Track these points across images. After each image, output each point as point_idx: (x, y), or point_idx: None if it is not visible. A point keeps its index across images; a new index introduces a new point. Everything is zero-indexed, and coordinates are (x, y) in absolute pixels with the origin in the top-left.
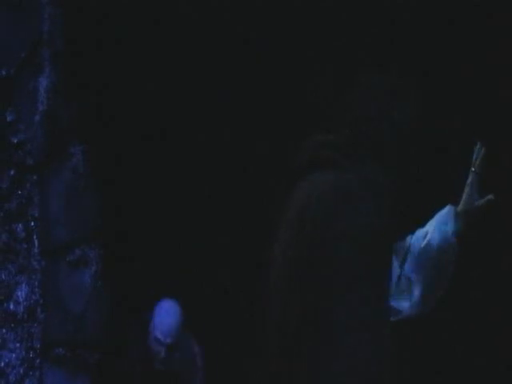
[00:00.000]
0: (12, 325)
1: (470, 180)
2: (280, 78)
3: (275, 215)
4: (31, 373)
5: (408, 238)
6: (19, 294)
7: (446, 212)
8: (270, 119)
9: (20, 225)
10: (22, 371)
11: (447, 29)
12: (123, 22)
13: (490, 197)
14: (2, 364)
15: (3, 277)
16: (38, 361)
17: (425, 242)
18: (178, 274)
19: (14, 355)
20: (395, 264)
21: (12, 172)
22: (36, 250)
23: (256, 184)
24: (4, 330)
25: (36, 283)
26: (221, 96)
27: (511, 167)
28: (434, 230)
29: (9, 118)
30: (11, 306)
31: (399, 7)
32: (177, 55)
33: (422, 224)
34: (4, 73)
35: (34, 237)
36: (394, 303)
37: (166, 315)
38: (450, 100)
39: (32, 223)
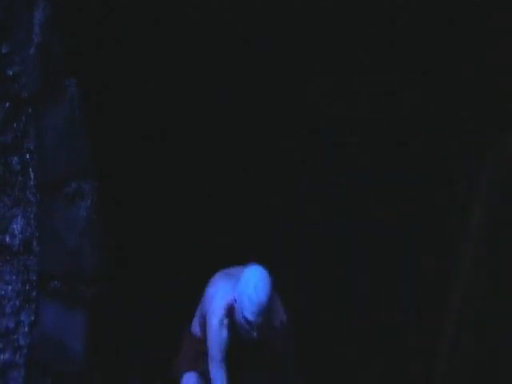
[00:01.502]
0: (8, 257)
1: None
2: (280, 77)
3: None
4: (27, 305)
5: None
6: (15, 226)
7: None
8: (270, 119)
9: (15, 158)
10: (17, 303)
11: (447, 29)
12: None
13: None
14: None
15: None
16: (34, 293)
17: None
18: (172, 208)
19: (9, 288)
20: None
21: (7, 105)
22: (31, 183)
23: (255, 183)
24: (0, 263)
25: (32, 216)
26: (221, 96)
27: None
28: None
29: (4, 51)
30: (7, 239)
31: (399, 7)
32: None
33: None
34: None
35: (30, 170)
36: None
37: (255, 294)
38: (450, 99)
39: (27, 156)
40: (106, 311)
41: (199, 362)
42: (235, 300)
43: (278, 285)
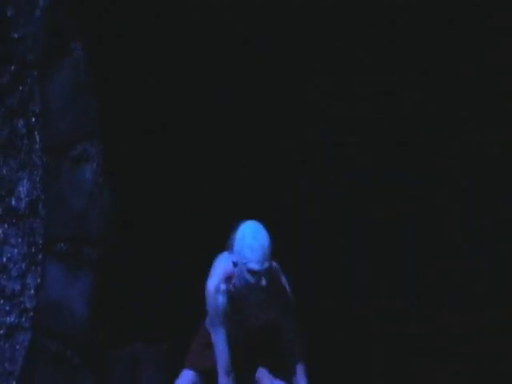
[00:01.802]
0: (14, 220)
1: None
2: (280, 77)
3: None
4: (33, 268)
5: None
6: (21, 189)
7: None
8: (270, 118)
9: (21, 121)
10: (24, 266)
11: (447, 29)
12: None
13: None
14: (4, 259)
15: (4, 172)
16: (39, 256)
17: None
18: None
19: (16, 250)
20: None
21: (12, 68)
22: (37, 146)
23: (255, 181)
24: (6, 226)
25: (37, 179)
26: (221, 95)
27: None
28: None
29: (9, 13)
30: (13, 202)
31: (399, 7)
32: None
33: None
34: None
35: (36, 133)
36: None
37: (255, 241)
38: (450, 100)
39: (33, 119)
40: (111, 273)
41: (206, 357)
42: (235, 264)
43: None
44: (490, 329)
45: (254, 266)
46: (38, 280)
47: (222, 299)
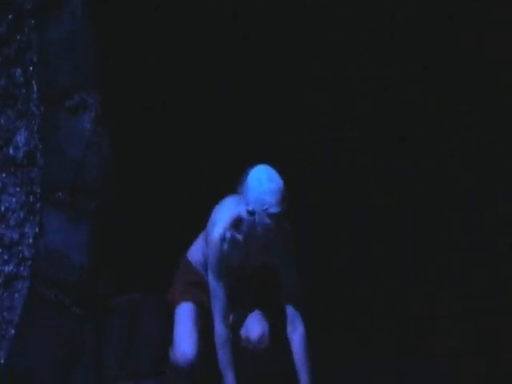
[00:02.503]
0: (12, 169)
1: None
2: (279, 71)
3: None
4: (31, 217)
5: None
6: (18, 139)
7: None
8: (270, 110)
9: (19, 70)
10: (22, 215)
11: (447, 24)
12: None
13: None
14: (3, 208)
15: (2, 122)
16: (38, 205)
17: None
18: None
19: (14, 199)
20: None
21: (10, 16)
22: (35, 96)
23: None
24: (4, 175)
25: (35, 128)
26: (221, 85)
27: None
28: None
29: None
30: (11, 151)
31: (399, 2)
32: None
33: None
34: None
35: (33, 82)
36: None
37: (273, 184)
38: (450, 95)
39: (31, 68)
40: (109, 223)
41: (196, 294)
42: (251, 213)
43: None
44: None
45: (276, 210)
46: (37, 229)
47: (226, 248)
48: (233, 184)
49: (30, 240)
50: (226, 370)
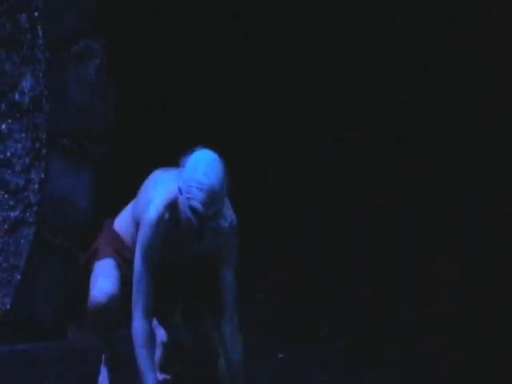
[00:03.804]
0: (17, 115)
1: None
2: (279, 71)
3: None
4: (37, 163)
5: None
6: (24, 84)
7: None
8: (271, 110)
9: (24, 15)
10: (27, 161)
11: (447, 24)
12: None
13: None
14: (8, 154)
15: (7, 67)
16: (43, 151)
17: None
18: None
19: (19, 145)
20: None
21: None
22: (40, 41)
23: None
24: (9, 121)
25: (41, 74)
26: (221, 85)
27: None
28: None
29: None
30: (16, 97)
31: (399, 2)
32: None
33: None
34: None
35: (38, 28)
36: None
37: (206, 178)
38: (450, 95)
39: (36, 14)
40: (114, 169)
41: (119, 250)
42: (180, 190)
43: (230, 178)
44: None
45: (197, 206)
46: (42, 175)
47: (163, 230)
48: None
49: (36, 186)
50: (147, 371)
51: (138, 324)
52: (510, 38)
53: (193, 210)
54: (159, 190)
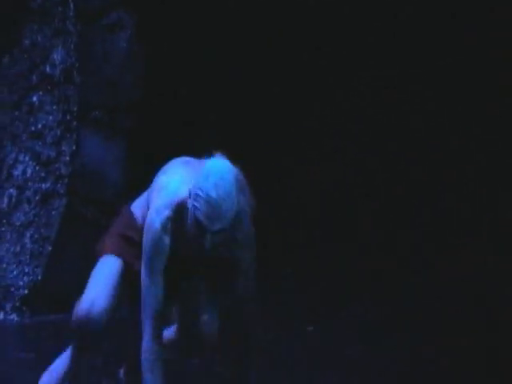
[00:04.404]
0: (48, 87)
1: None
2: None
3: None
4: (68, 135)
5: None
6: (55, 56)
7: None
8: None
9: None
10: (58, 133)
11: (449, 23)
12: None
13: None
14: (40, 126)
15: (39, 40)
16: (74, 123)
17: None
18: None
19: (50, 117)
20: None
21: None
22: (71, 14)
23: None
24: (41, 93)
25: (72, 46)
26: (232, 73)
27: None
28: None
29: None
30: (47, 69)
31: (401, 1)
32: None
33: None
34: None
35: (70, 0)
36: None
37: (216, 194)
38: (453, 94)
39: None
40: (144, 141)
41: (129, 250)
42: (189, 194)
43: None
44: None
45: (203, 221)
46: (73, 147)
47: (167, 241)
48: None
49: (67, 158)
50: None
51: (147, 346)
52: (510, 37)
53: (197, 221)
54: (168, 194)
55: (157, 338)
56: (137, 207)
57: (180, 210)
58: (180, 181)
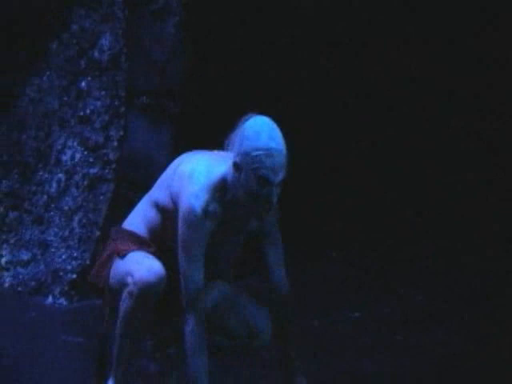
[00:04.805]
0: (97, 73)
1: None
2: None
3: None
4: (116, 120)
5: None
6: (103, 42)
7: None
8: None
9: None
10: (107, 118)
11: (447, 23)
12: None
13: None
14: (88, 111)
15: (87, 25)
16: (122, 109)
17: None
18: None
19: (99, 103)
20: None
21: None
22: None
23: None
24: (89, 78)
25: (120, 32)
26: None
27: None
28: None
29: None
30: (96, 54)
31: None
32: None
33: None
34: None
35: None
36: None
37: (274, 143)
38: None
39: None
40: (190, 126)
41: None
42: (238, 167)
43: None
44: None
45: (269, 175)
46: (121, 132)
47: (209, 225)
48: None
49: (115, 143)
50: (200, 382)
51: (191, 329)
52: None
53: (262, 180)
54: (200, 178)
55: (201, 323)
56: (131, 223)
57: (218, 190)
58: (206, 165)
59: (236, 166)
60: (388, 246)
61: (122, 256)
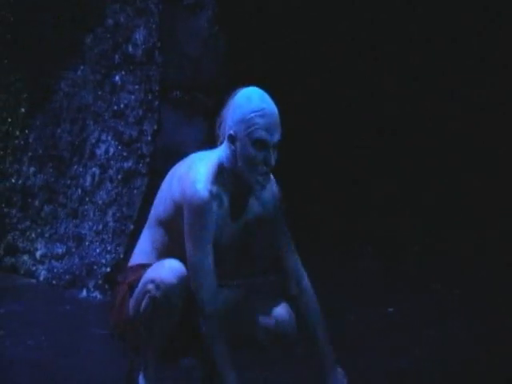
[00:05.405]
0: (131, 67)
1: None
2: None
3: None
4: (150, 115)
5: None
6: (137, 36)
7: None
8: None
9: None
10: (140, 113)
11: (447, 23)
12: None
13: None
14: (122, 105)
15: (121, 20)
16: (156, 103)
17: None
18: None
19: (133, 97)
20: None
21: None
22: None
23: None
24: (123, 72)
25: (154, 26)
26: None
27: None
28: None
29: None
30: (130, 49)
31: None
32: None
33: None
34: None
35: None
36: None
37: (265, 104)
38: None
39: None
40: None
41: None
42: (233, 138)
43: None
44: None
45: (263, 134)
46: (155, 126)
47: (215, 208)
48: None
49: (149, 137)
50: (226, 371)
51: (208, 311)
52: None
53: (258, 142)
54: (195, 168)
55: (217, 305)
56: (140, 251)
57: (218, 173)
58: (200, 158)
59: (231, 137)
60: (424, 240)
61: (137, 285)
